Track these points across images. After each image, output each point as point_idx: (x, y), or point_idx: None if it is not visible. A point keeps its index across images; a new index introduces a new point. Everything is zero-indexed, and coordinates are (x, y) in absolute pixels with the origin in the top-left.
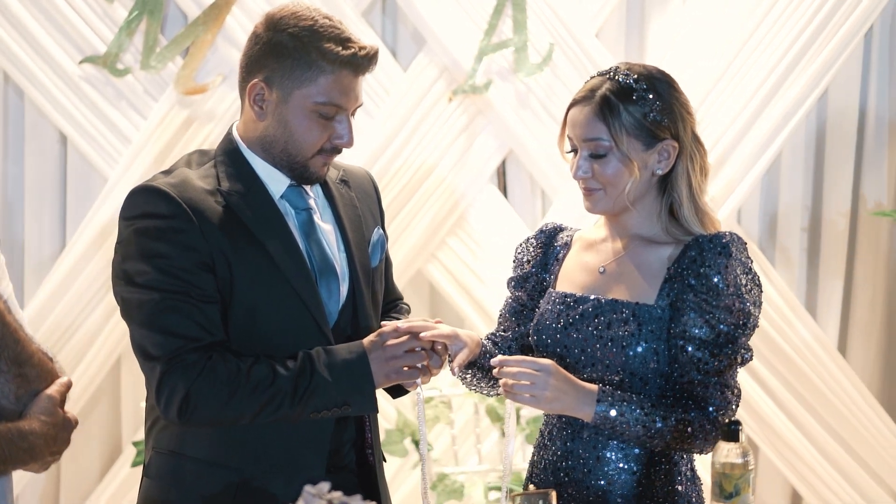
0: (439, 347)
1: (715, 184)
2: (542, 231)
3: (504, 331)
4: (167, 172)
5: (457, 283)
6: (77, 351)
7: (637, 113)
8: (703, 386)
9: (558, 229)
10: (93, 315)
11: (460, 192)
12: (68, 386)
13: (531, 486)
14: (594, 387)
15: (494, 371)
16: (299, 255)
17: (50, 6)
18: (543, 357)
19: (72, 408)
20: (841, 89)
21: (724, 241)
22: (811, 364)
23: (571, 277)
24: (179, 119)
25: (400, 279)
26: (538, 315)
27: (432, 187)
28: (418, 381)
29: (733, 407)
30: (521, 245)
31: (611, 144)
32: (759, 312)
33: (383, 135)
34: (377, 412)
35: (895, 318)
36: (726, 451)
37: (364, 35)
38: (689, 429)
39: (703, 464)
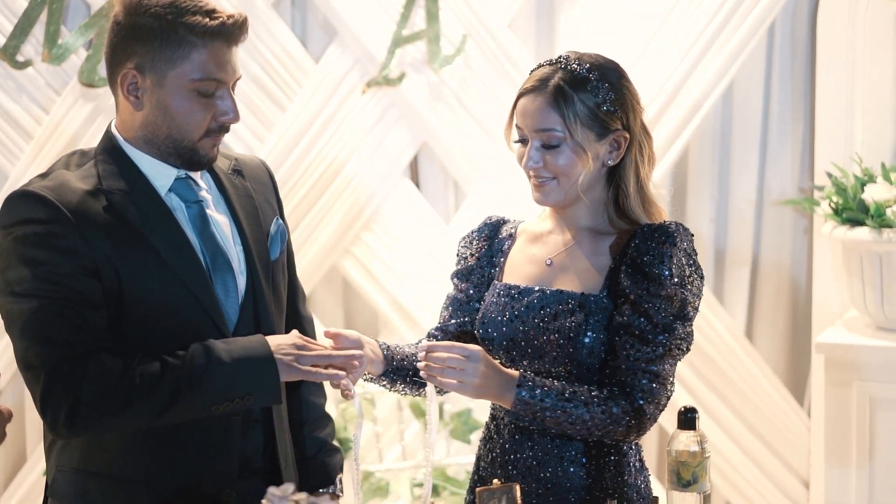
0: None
1: None
2: (485, 224)
3: (446, 321)
4: (44, 176)
5: (372, 279)
6: None
7: (590, 102)
8: (631, 373)
9: (502, 222)
10: None
11: (374, 185)
12: None
13: (495, 481)
14: (516, 373)
15: (420, 355)
16: (190, 250)
17: None
18: (490, 351)
19: None
20: (746, 81)
21: (669, 230)
22: (720, 350)
23: (518, 269)
24: (84, 113)
25: (314, 275)
26: (483, 308)
27: (346, 181)
28: (352, 389)
29: (662, 399)
30: (464, 238)
31: (564, 135)
32: (699, 303)
33: (296, 128)
34: (281, 404)
35: (799, 304)
36: (684, 440)
37: (275, 27)
38: (612, 416)
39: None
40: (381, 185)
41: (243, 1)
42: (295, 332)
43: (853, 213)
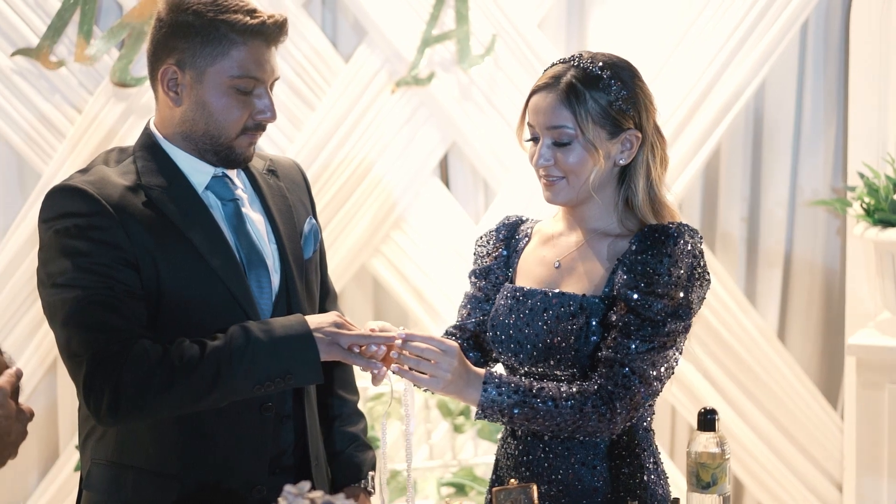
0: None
1: None
2: (503, 224)
3: (464, 319)
4: (84, 171)
5: (401, 277)
6: (12, 352)
7: (602, 101)
8: (610, 367)
9: (520, 221)
10: (28, 314)
11: (404, 185)
12: (18, 376)
13: (512, 481)
14: (482, 371)
15: (396, 343)
16: (226, 247)
17: None
18: (499, 353)
19: None
20: (778, 80)
21: (668, 230)
22: (752, 351)
23: (529, 271)
24: (116, 113)
25: (344, 274)
26: (493, 309)
27: (375, 180)
28: (383, 370)
29: (639, 396)
30: (481, 238)
31: (576, 132)
32: (699, 306)
33: (325, 127)
34: (321, 382)
35: (832, 305)
36: (703, 441)
37: (304, 27)
38: (581, 412)
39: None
40: (410, 184)
41: (273, 1)
42: (334, 312)
43: (885, 213)
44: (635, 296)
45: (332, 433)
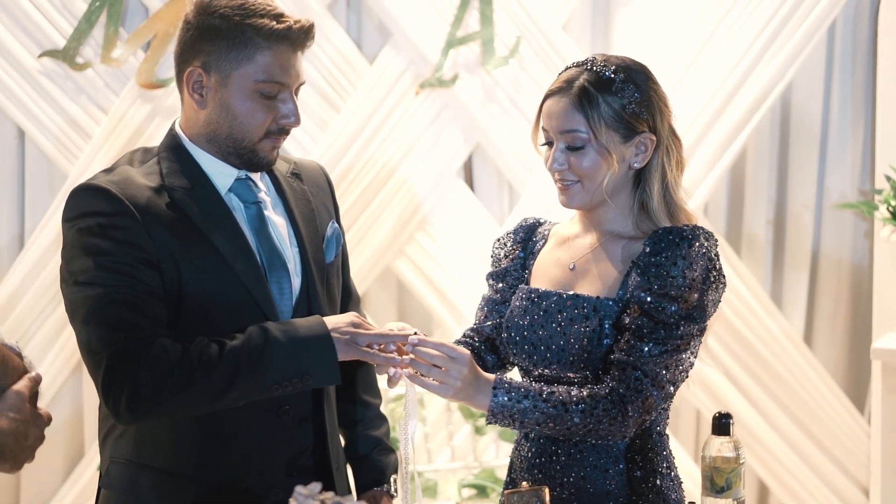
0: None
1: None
2: (520, 226)
3: (481, 322)
4: (108, 171)
5: (425, 279)
6: (38, 352)
7: (616, 104)
8: (623, 369)
9: (537, 224)
10: (54, 315)
11: (428, 186)
12: (37, 381)
13: (524, 484)
14: (492, 376)
15: (406, 348)
16: (248, 250)
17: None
18: (514, 355)
19: None
20: (805, 82)
21: (683, 233)
22: (778, 355)
23: (544, 273)
24: (141, 114)
25: (368, 276)
26: (508, 311)
27: (399, 182)
28: (399, 371)
29: (651, 399)
30: (498, 240)
31: (589, 136)
32: (714, 309)
33: (350, 129)
34: (339, 383)
35: (859, 308)
36: (718, 445)
37: (329, 28)
38: (592, 416)
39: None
40: (434, 186)
41: (298, 3)
42: (352, 312)
43: None
44: (648, 298)
45: (355, 437)
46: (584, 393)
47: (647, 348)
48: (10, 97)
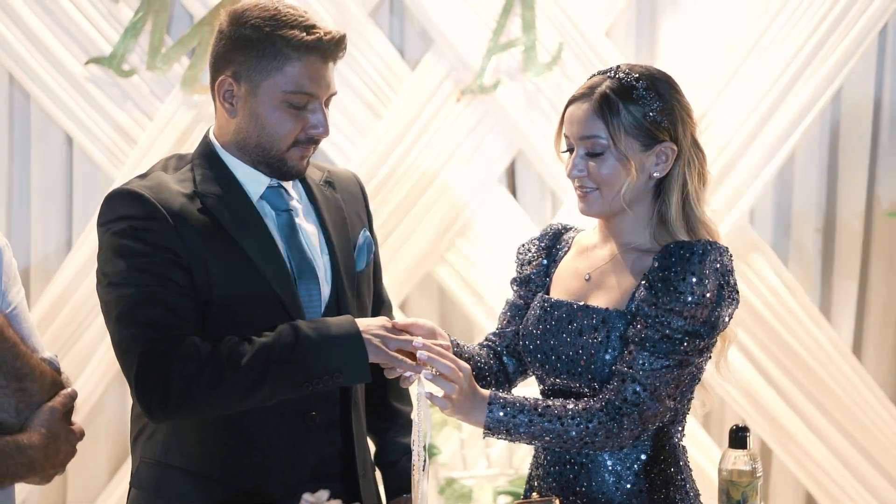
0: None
1: (727, 184)
2: (545, 233)
3: (503, 327)
4: (143, 176)
5: (466, 285)
6: (84, 354)
7: (637, 112)
8: (620, 379)
9: (563, 230)
10: (100, 317)
11: (469, 193)
12: (72, 397)
13: (534, 494)
14: (487, 392)
15: (419, 353)
16: (278, 256)
17: (55, 7)
18: (528, 363)
19: (78, 411)
20: (855, 87)
21: (694, 248)
22: (825, 366)
23: (561, 282)
24: (185, 120)
25: (408, 281)
26: (525, 319)
27: (441, 188)
28: (412, 376)
29: (649, 412)
30: (523, 246)
31: (608, 143)
32: (726, 325)
33: (391, 135)
34: (369, 381)
35: None
36: (733, 458)
37: (371, 35)
38: (587, 430)
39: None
40: (475, 192)
41: (340, 9)
42: (384, 317)
43: None
44: (653, 312)
45: (385, 444)
46: (580, 406)
47: (648, 361)
48: (58, 104)
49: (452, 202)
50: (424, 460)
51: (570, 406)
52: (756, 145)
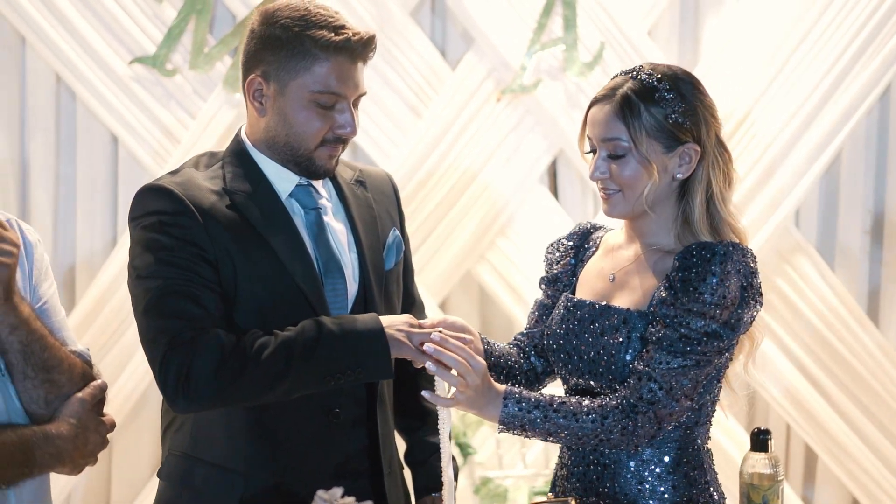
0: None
1: (770, 185)
2: (574, 232)
3: (531, 327)
4: (174, 173)
5: (506, 285)
6: (128, 351)
7: (658, 114)
8: (637, 377)
9: (592, 229)
10: None
11: (509, 192)
12: (102, 388)
13: (549, 495)
14: (502, 387)
15: (426, 345)
16: (305, 253)
17: (100, 7)
18: (553, 363)
19: (122, 407)
20: None
21: (715, 248)
22: (871, 370)
23: (586, 282)
24: (228, 119)
25: (449, 280)
26: (550, 319)
27: (481, 187)
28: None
29: (665, 411)
30: (552, 245)
31: (630, 145)
32: (748, 327)
33: (431, 135)
34: (392, 378)
35: None
36: (755, 462)
37: (411, 34)
38: (602, 427)
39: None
40: (516, 191)
41: (380, 8)
42: (408, 314)
43: None
44: (672, 312)
45: (414, 442)
46: (595, 403)
47: (665, 360)
48: (103, 103)
49: (493, 202)
50: (449, 456)
51: (586, 403)
52: (801, 145)
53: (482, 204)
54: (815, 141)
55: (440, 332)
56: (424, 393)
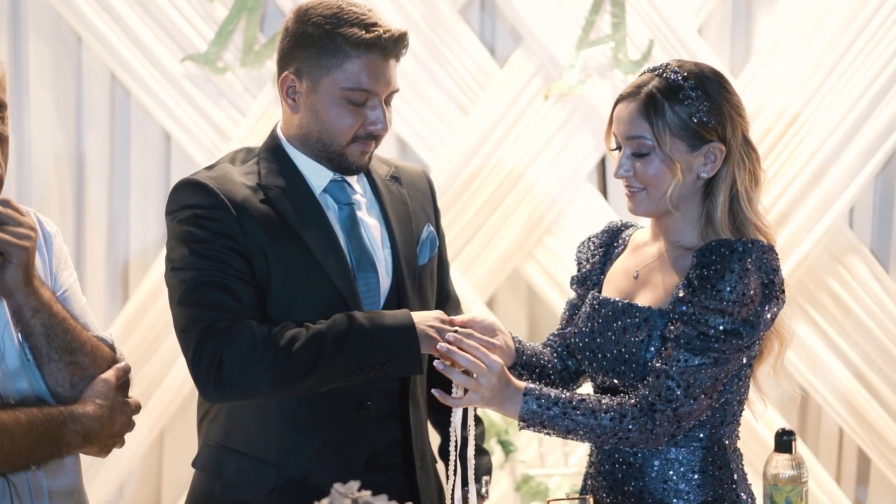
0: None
1: (822, 184)
2: (604, 231)
3: (563, 327)
4: (210, 168)
5: (554, 283)
6: (177, 347)
7: (683, 113)
8: (655, 375)
9: (622, 227)
10: None
11: (557, 190)
12: (126, 370)
13: (567, 492)
14: (522, 384)
15: (439, 344)
16: (338, 248)
17: (153, 6)
18: (581, 362)
19: (173, 400)
20: None
21: (734, 246)
22: None
23: (612, 280)
24: (278, 116)
25: (496, 278)
26: (577, 317)
27: (529, 185)
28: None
29: (684, 409)
30: (582, 244)
31: (653, 144)
32: (769, 325)
33: (479, 132)
34: (421, 374)
35: None
36: (778, 463)
37: (460, 32)
38: (621, 425)
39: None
40: (564, 189)
41: (429, 7)
42: (439, 310)
43: None
44: (690, 309)
45: (448, 436)
46: (615, 402)
47: (684, 358)
48: (156, 101)
49: (540, 199)
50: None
51: (605, 401)
52: (854, 144)
53: (529, 201)
54: (869, 140)
55: (455, 331)
56: (434, 391)
